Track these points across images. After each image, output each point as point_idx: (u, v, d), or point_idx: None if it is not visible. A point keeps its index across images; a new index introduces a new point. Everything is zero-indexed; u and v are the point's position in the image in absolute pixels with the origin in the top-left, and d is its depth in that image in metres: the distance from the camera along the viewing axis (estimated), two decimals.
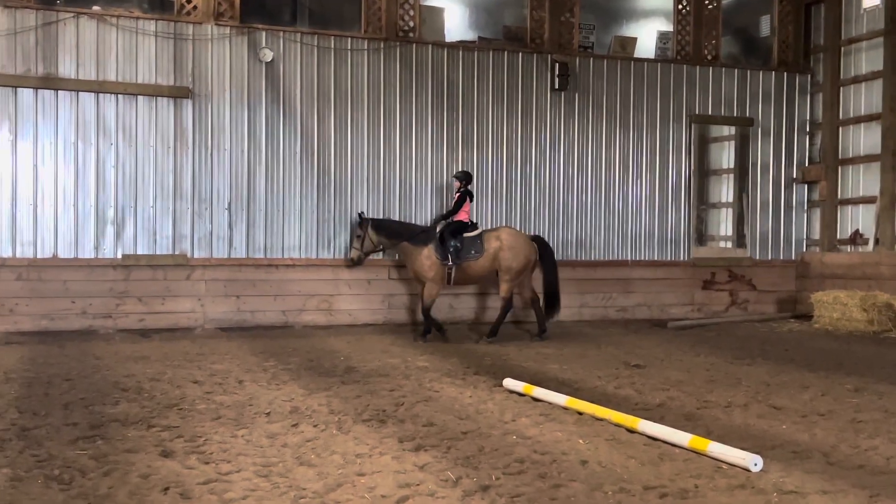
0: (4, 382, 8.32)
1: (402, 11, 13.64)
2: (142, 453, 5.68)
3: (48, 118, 11.97)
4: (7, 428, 6.38)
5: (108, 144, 12.24)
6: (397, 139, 13.62)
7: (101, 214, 12.19)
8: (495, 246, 11.96)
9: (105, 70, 12.21)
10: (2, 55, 11.74)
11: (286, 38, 13.07)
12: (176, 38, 12.51)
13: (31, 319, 11.81)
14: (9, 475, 5.14)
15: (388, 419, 6.80)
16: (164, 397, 7.63)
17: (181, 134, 12.58)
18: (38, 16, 11.89)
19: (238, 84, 12.85)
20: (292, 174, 13.14)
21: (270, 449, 5.84)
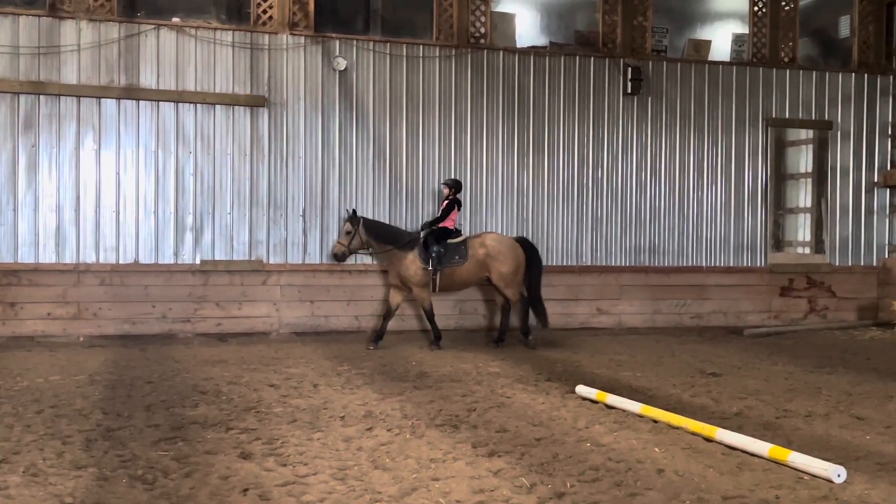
0: (89, 384, 8.58)
1: (474, 18, 13.67)
2: (221, 455, 5.80)
3: (130, 127, 12.31)
4: (93, 428, 6.58)
5: (187, 153, 12.53)
6: (468, 145, 13.64)
7: (181, 221, 12.48)
8: (481, 253, 11.89)
9: (184, 80, 12.51)
10: (87, 67, 12.12)
11: (359, 46, 13.22)
12: (252, 48, 12.75)
13: (113, 323, 12.14)
14: (95, 474, 5.30)
15: (461, 424, 6.81)
16: (241, 400, 7.78)
17: (257, 142, 12.82)
18: (121, 28, 12.25)
19: (312, 92, 13.04)
20: (365, 181, 13.27)
21: (346, 452, 5.91)
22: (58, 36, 11.96)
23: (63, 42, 11.98)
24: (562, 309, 13.77)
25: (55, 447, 5.97)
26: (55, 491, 4.94)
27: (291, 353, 11.02)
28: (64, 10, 11.98)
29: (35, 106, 11.90)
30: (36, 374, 9.20)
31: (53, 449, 5.91)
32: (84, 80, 12.08)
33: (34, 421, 6.84)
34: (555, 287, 13.77)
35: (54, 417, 6.97)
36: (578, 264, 14.05)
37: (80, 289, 12.03)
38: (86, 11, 12.06)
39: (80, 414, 7.13)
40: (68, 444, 6.05)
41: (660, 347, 11.99)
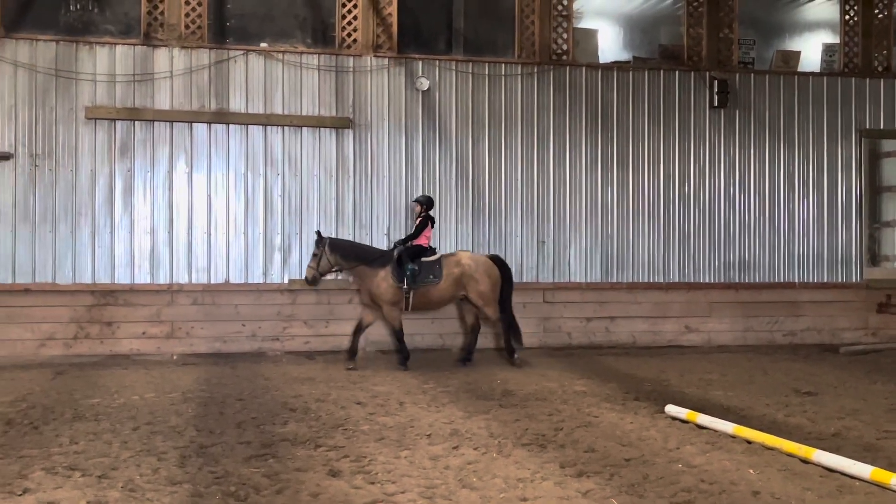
0: (183, 402, 8.78)
1: (556, 35, 13.64)
2: (311, 472, 5.86)
3: (220, 151, 12.63)
4: (187, 445, 6.73)
5: (275, 174, 12.79)
6: (551, 162, 13.59)
7: (269, 241, 12.72)
8: (456, 272, 11.59)
9: (272, 104, 12.79)
10: (179, 93, 12.50)
11: (442, 66, 13.32)
12: (337, 70, 12.97)
13: (205, 342, 12.42)
14: (190, 491, 5.41)
15: (548, 444, 6.75)
16: (329, 418, 7.85)
17: (343, 162, 13.00)
18: (212, 55, 12.61)
19: (396, 113, 13.18)
20: (448, 199, 13.32)
21: (433, 471, 5.90)
22: (152, 63, 12.38)
23: (157, 69, 12.39)
24: (648, 326, 13.57)
25: (151, 463, 6.12)
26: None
27: (377, 370, 11.09)
28: (157, 39, 12.40)
29: (131, 131, 12.32)
30: (132, 391, 9.46)
31: (150, 465, 6.06)
32: (177, 106, 12.46)
33: (131, 437, 7.03)
34: (641, 304, 13.60)
35: (150, 434, 7.15)
36: (665, 281, 13.81)
37: (174, 308, 12.36)
38: (178, 39, 12.45)
39: (174, 431, 7.30)
40: (164, 461, 6.20)
41: (751, 366, 11.67)
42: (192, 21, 12.53)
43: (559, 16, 13.69)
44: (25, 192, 11.96)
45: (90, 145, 12.19)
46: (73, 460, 6.22)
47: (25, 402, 8.70)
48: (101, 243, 12.17)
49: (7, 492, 5.39)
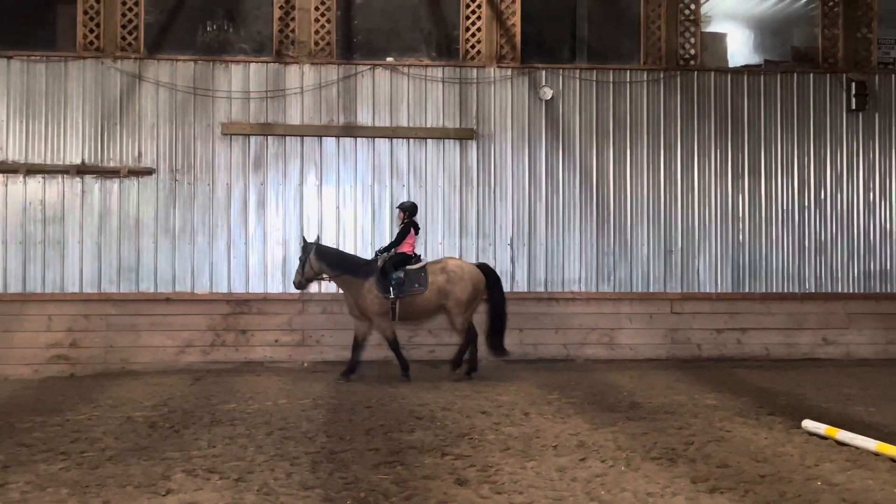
0: (313, 408, 9.01)
1: (683, 40, 13.36)
2: (438, 480, 5.90)
3: (348, 163, 12.93)
4: (318, 451, 6.90)
5: (400, 186, 12.99)
6: (678, 169, 13.30)
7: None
8: (441, 279, 11.21)
9: (398, 116, 13.01)
10: (309, 108, 12.87)
11: (565, 75, 13.25)
12: (461, 82, 13.09)
13: (334, 350, 12.68)
14: (322, 495, 5.54)
15: (678, 458, 6.58)
16: (455, 426, 7.89)
17: (466, 173, 13.09)
18: (340, 70, 12.93)
19: (519, 123, 13.19)
20: (572, 209, 13.22)
21: (560, 482, 5.85)
22: (283, 80, 12.80)
23: (288, 85, 12.79)
24: (783, 338, 13.09)
25: (284, 468, 6.29)
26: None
27: (501, 380, 11.08)
28: (289, 56, 12.82)
29: (263, 146, 12.77)
30: (265, 397, 9.77)
31: (283, 469, 6.24)
32: (307, 121, 12.83)
33: (265, 442, 7.25)
34: (774, 315, 13.14)
35: (283, 439, 7.36)
36: (801, 291, 13.28)
37: (304, 317, 12.70)
38: (308, 56, 12.84)
39: (305, 436, 7.49)
40: (296, 466, 6.37)
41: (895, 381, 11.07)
42: (321, 38, 12.89)
43: (686, 20, 13.40)
44: (166, 205, 12.55)
45: (226, 160, 12.69)
46: (212, 463, 6.46)
47: (167, 407, 9.12)
48: (237, 254, 12.63)
49: (152, 492, 5.65)
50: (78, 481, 5.95)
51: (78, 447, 7.12)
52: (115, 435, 7.63)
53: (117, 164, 12.47)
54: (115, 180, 12.45)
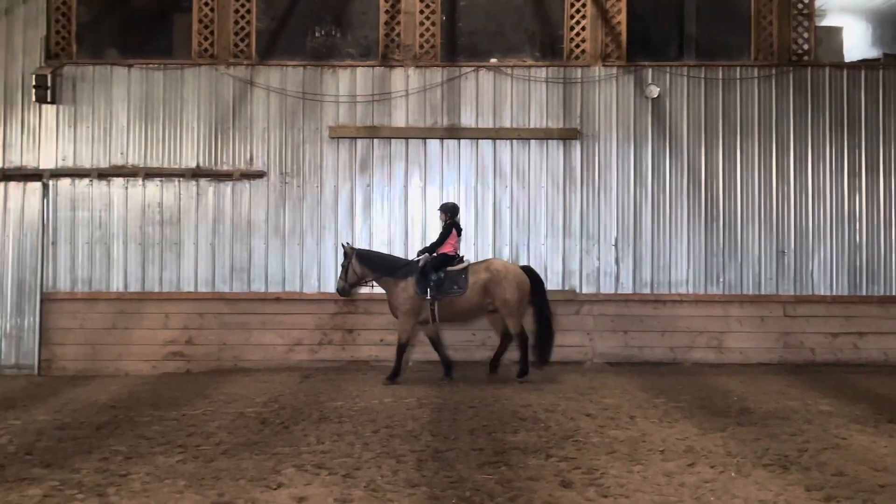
0: (418, 407, 9.11)
1: (796, 35, 12.96)
2: (542, 482, 5.90)
3: (452, 165, 13.02)
4: (423, 449, 6.98)
5: (503, 187, 13.01)
6: (791, 168, 12.89)
7: (498, 252, 12.92)
8: (483, 279, 10.97)
9: (501, 117, 13.03)
10: (414, 111, 13.03)
11: (672, 72, 13.02)
12: (565, 82, 13.01)
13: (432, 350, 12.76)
14: (427, 493, 5.61)
15: (791, 465, 6.40)
16: (559, 428, 7.86)
17: (570, 174, 13.01)
18: (444, 72, 13.03)
19: (624, 122, 13.03)
20: (679, 209, 12.98)
21: (667, 487, 5.77)
22: (389, 83, 12.99)
23: (393, 89, 12.98)
24: None
25: (391, 465, 6.40)
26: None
27: (606, 383, 10.97)
28: (394, 60, 13.00)
29: (370, 149, 12.98)
30: (371, 395, 9.94)
31: (389, 467, 6.34)
32: (411, 123, 12.99)
33: (371, 440, 7.38)
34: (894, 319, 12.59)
35: (389, 437, 7.48)
36: None
37: None
38: (413, 59, 12.99)
39: (411, 435, 7.59)
40: (402, 463, 6.46)
41: None
42: (426, 41, 13.03)
43: (799, 14, 12.99)
44: (276, 207, 12.90)
45: (333, 162, 12.96)
46: (320, 459, 6.63)
47: (277, 403, 9.38)
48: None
49: (264, 486, 5.84)
50: (194, 474, 6.19)
51: (194, 441, 7.40)
52: (228, 430, 7.89)
53: (230, 167, 12.89)
54: (228, 183, 12.87)
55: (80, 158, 12.80)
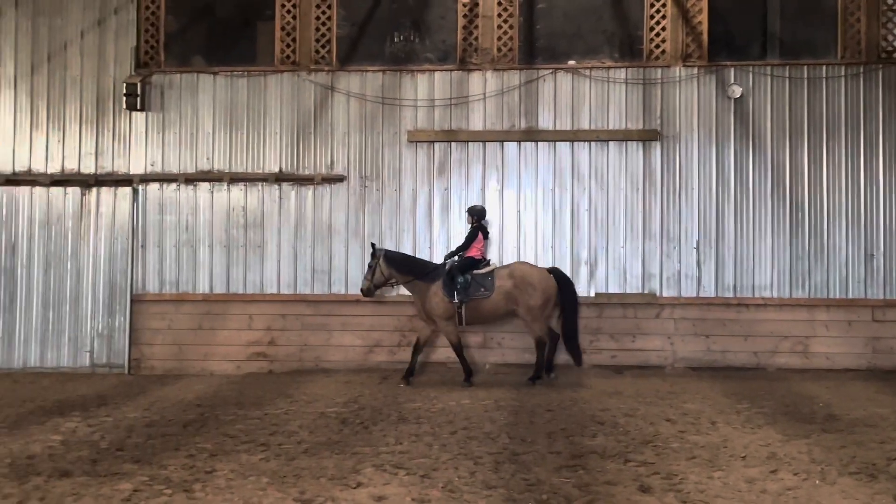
0: (495, 409, 9.14)
1: (885, 31, 12.56)
2: (620, 486, 5.85)
3: (529, 168, 13.01)
4: (500, 451, 7.00)
5: (581, 189, 12.94)
6: (880, 169, 12.50)
7: (576, 255, 12.87)
8: (509, 284, 11.09)
9: (579, 119, 12.96)
10: (491, 114, 13.06)
11: (755, 72, 12.77)
12: (644, 83, 12.88)
13: (515, 353, 12.77)
14: (504, 496, 5.63)
15: (879, 474, 6.21)
16: (638, 433, 7.79)
17: (650, 175, 12.87)
18: (521, 75, 13.04)
19: (705, 123, 12.83)
20: (762, 211, 12.71)
21: (749, 494, 5.67)
22: (466, 87, 13.05)
23: (471, 92, 13.04)
24: None
25: (468, 467, 6.44)
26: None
27: (687, 387, 10.81)
28: (472, 63, 13.06)
29: (447, 152, 13.06)
30: (449, 397, 10.01)
31: (467, 468, 6.38)
32: (489, 126, 13.02)
33: (449, 441, 7.44)
34: None
35: (466, 439, 7.53)
36: None
37: None
38: (490, 62, 13.03)
39: (488, 437, 7.62)
40: (479, 465, 6.49)
41: None
42: (503, 44, 13.05)
43: (889, 10, 12.59)
44: (356, 210, 13.08)
45: (412, 166, 13.08)
46: (399, 459, 6.71)
47: (357, 404, 9.53)
48: (422, 257, 12.96)
49: (344, 484, 5.94)
50: (276, 471, 6.33)
51: (276, 439, 7.57)
52: (309, 429, 8.05)
53: (311, 171, 13.13)
54: (310, 187, 13.11)
55: (168, 164, 13.20)
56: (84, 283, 13.09)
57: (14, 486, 5.91)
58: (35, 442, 7.49)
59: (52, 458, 6.86)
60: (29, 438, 7.64)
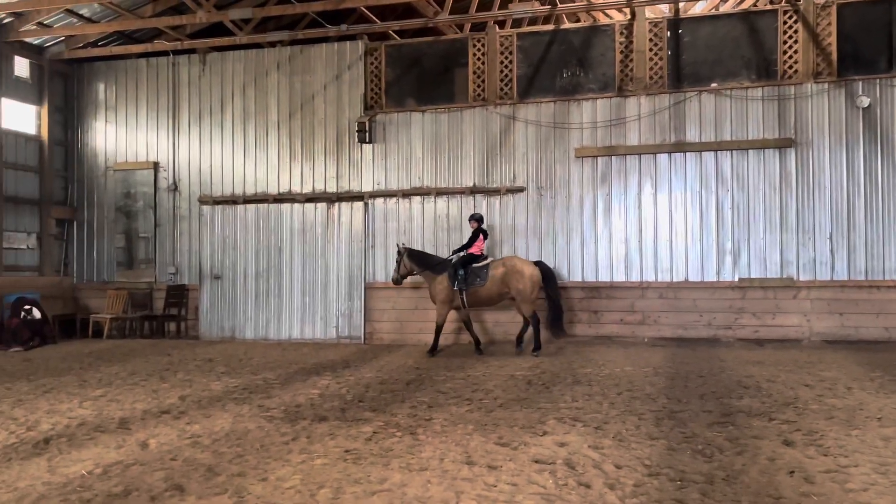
0: (654, 375, 8.91)
1: None
2: (766, 440, 5.58)
3: (678, 175, 12.55)
4: (659, 409, 6.83)
5: (724, 191, 12.34)
6: None
7: (721, 246, 12.30)
8: (500, 272, 11.15)
9: (721, 132, 12.37)
10: (644, 131, 12.70)
11: (882, 83, 11.71)
12: (779, 98, 12.11)
13: (669, 328, 12.42)
14: (665, 446, 5.51)
15: None
16: (779, 396, 7.38)
17: (785, 177, 12.09)
18: (670, 98, 12.60)
19: (836, 130, 11.89)
20: (891, 203, 11.66)
21: (885, 450, 5.25)
22: (623, 110, 12.77)
23: (627, 114, 12.74)
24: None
25: (633, 421, 6.33)
26: (637, 455, 5.26)
27: (823, 358, 10.10)
28: (628, 90, 12.76)
29: (608, 164, 12.83)
30: (614, 365, 9.85)
31: (632, 422, 6.28)
32: (643, 141, 12.68)
33: (616, 400, 7.34)
34: None
35: (630, 399, 7.40)
36: None
37: (644, 301, 12.57)
38: (644, 88, 12.68)
39: (648, 397, 7.46)
40: (643, 420, 6.38)
41: None
42: (654, 73, 12.67)
43: None
44: (534, 214, 13.11)
45: (578, 177, 12.95)
46: (575, 414, 6.69)
47: (539, 369, 9.57)
48: (588, 251, 12.85)
49: (532, 432, 5.99)
50: (479, 421, 6.48)
51: (477, 395, 7.73)
52: (502, 388, 8.17)
53: (498, 185, 13.28)
54: (497, 197, 13.27)
55: (390, 182, 13.75)
56: (330, 275, 13.88)
57: (288, 426, 6.37)
58: (300, 394, 8.00)
59: (313, 406, 7.31)
60: (295, 392, 8.17)
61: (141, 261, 14.98)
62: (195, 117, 14.67)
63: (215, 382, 8.81)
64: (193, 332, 14.37)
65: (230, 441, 5.79)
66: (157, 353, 11.86)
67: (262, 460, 5.20)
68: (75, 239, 15.27)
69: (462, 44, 13.61)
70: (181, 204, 14.67)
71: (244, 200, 14.25)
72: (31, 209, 14.75)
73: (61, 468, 5.08)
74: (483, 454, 5.29)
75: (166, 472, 4.94)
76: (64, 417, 6.79)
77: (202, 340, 13.91)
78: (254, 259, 14.11)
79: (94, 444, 5.78)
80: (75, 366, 10.34)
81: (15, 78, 14.42)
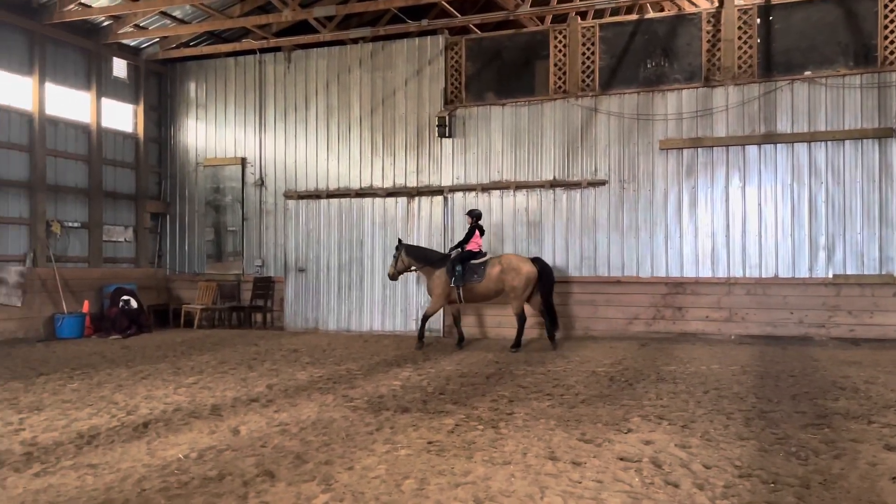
0: (742, 374, 8.64)
1: None
2: (866, 444, 5.33)
3: (769, 167, 12.10)
4: (749, 409, 6.62)
5: (818, 183, 11.83)
6: None
7: (814, 241, 11.81)
8: (497, 270, 11.14)
9: (815, 122, 11.85)
10: (732, 122, 12.29)
11: None
12: (879, 86, 11.50)
13: (757, 325, 12.02)
14: (756, 446, 5.33)
15: None
16: (879, 398, 7.03)
17: (886, 169, 11.49)
18: (760, 87, 12.15)
19: None
20: None
21: None
22: (710, 101, 12.39)
23: (714, 105, 12.36)
24: None
25: (721, 421, 6.15)
26: (726, 455, 5.11)
27: None
28: (715, 80, 12.37)
29: (694, 157, 12.49)
30: (700, 362, 9.59)
31: (721, 422, 6.10)
32: (731, 133, 12.28)
33: (703, 399, 7.15)
34: None
35: (718, 398, 7.19)
36: None
37: (731, 297, 12.19)
38: (732, 78, 12.26)
39: (737, 396, 7.23)
40: (731, 420, 6.19)
41: None
42: (743, 62, 12.24)
43: None
44: (616, 208, 12.89)
45: (663, 170, 12.65)
46: (660, 412, 6.54)
47: (621, 365, 9.41)
48: (672, 246, 12.54)
49: (616, 430, 5.89)
50: (561, 416, 6.42)
51: (558, 391, 7.66)
52: (584, 384, 8.08)
53: (579, 178, 13.11)
54: (577, 190, 13.11)
55: (469, 177, 13.78)
56: None
57: (371, 417, 6.48)
58: (382, 385, 8.12)
59: (395, 397, 7.40)
60: (378, 383, 8.30)
61: (229, 253, 15.51)
62: (280, 114, 15.06)
63: (301, 372, 9.04)
64: (279, 322, 14.79)
65: (316, 430, 5.93)
66: (245, 343, 12.26)
67: (347, 449, 5.31)
68: (168, 232, 15.95)
69: (543, 36, 13.48)
70: (267, 198, 15.11)
71: (327, 195, 14.55)
72: (128, 204, 15.47)
73: (160, 451, 5.32)
74: (567, 450, 5.24)
75: (257, 458, 5.10)
76: (161, 403, 7.11)
77: (287, 331, 14.30)
78: (336, 252, 14.40)
79: (188, 429, 6.03)
80: (169, 354, 10.81)
81: (113, 78, 15.14)
